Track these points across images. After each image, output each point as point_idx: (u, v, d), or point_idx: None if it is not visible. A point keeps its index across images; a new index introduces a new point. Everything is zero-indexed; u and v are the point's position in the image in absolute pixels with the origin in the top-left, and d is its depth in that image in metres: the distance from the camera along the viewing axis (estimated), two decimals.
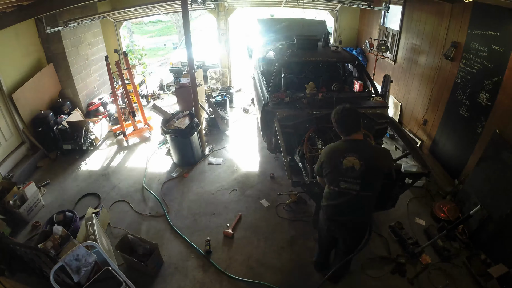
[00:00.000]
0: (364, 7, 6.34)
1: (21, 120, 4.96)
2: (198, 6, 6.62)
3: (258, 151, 5.29)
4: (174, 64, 9.02)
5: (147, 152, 5.41)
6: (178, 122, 4.75)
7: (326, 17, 8.08)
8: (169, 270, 3.19)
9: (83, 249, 2.43)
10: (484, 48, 3.52)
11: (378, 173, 2.25)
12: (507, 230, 2.91)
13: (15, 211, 3.72)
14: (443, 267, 3.12)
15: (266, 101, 4.09)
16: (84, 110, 6.25)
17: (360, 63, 4.64)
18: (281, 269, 3.18)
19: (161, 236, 3.62)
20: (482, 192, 3.31)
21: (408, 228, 3.55)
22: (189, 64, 4.54)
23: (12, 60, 4.91)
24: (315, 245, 3.20)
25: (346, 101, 3.98)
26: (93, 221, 3.15)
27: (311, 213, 3.73)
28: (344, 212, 2.35)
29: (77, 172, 4.87)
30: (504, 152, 3.05)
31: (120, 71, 5.44)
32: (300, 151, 3.47)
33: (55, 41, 5.55)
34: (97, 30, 6.89)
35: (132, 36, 13.99)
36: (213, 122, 5.89)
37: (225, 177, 4.65)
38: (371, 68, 6.56)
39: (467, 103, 3.84)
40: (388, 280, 3.02)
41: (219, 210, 3.98)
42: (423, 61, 4.89)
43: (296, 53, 4.53)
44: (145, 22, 22.83)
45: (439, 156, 4.47)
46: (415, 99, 5.14)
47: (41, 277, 2.73)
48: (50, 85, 5.71)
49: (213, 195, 4.27)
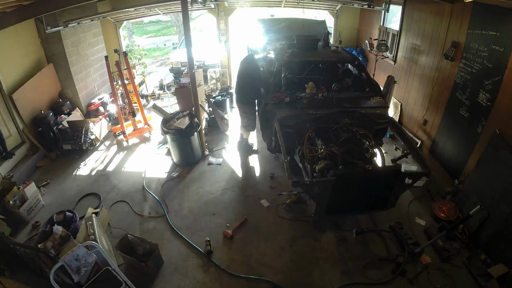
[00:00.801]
0: (364, 7, 6.35)
1: (21, 120, 4.96)
2: (198, 6, 6.63)
3: (258, 151, 5.29)
4: (174, 64, 9.03)
5: (147, 152, 5.41)
6: (178, 122, 4.75)
7: (326, 17, 8.09)
8: (169, 270, 3.19)
9: (83, 249, 2.43)
10: (484, 48, 3.52)
11: None
12: (507, 230, 2.90)
13: (15, 211, 3.72)
14: (443, 267, 3.12)
15: (267, 101, 4.09)
16: (84, 110, 6.25)
17: (360, 63, 4.64)
18: (281, 269, 3.17)
19: (161, 236, 3.62)
20: (482, 192, 3.31)
21: (408, 228, 3.55)
22: (189, 64, 4.54)
23: (12, 60, 4.91)
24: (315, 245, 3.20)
25: (346, 101, 4.00)
26: (93, 221, 3.16)
27: (311, 213, 3.74)
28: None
29: (77, 172, 4.87)
30: (504, 152, 3.05)
31: (120, 71, 5.44)
32: (300, 151, 3.48)
33: (55, 41, 5.55)
34: (97, 30, 6.89)
35: (132, 36, 13.99)
36: (213, 122, 5.89)
37: (225, 177, 4.65)
38: (371, 68, 6.56)
39: (467, 103, 3.84)
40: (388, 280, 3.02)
41: (219, 210, 3.98)
42: (423, 61, 4.89)
43: (296, 53, 4.53)
44: (145, 22, 22.82)
45: (439, 156, 4.47)
46: (415, 99, 5.14)
47: (41, 277, 2.73)
48: (50, 85, 5.70)
49: (213, 195, 4.27)
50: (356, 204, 3.30)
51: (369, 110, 3.88)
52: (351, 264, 3.19)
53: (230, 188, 4.40)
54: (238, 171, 4.78)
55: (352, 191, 3.08)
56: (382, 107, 4.02)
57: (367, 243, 3.42)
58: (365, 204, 3.31)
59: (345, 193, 3.06)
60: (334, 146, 3.21)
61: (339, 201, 3.13)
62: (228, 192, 4.32)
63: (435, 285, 2.96)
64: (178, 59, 9.05)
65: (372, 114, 3.84)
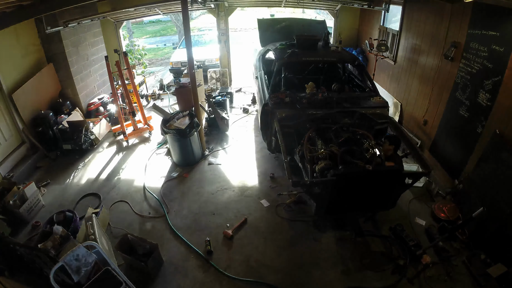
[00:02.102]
0: (364, 7, 6.35)
1: (21, 120, 4.96)
2: (198, 6, 6.63)
3: (258, 151, 5.29)
4: (174, 64, 9.03)
5: (147, 152, 5.41)
6: (178, 122, 4.75)
7: (326, 17, 8.09)
8: (169, 270, 3.19)
9: (83, 249, 2.43)
10: (484, 48, 3.51)
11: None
12: (507, 230, 2.90)
13: (15, 211, 3.72)
14: (443, 267, 3.12)
15: (266, 101, 4.09)
16: (84, 110, 6.25)
17: (360, 63, 4.64)
18: (281, 269, 3.18)
19: (161, 236, 3.62)
20: (482, 192, 3.31)
21: (409, 228, 3.54)
22: (189, 64, 4.54)
23: (12, 60, 4.91)
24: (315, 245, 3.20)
25: (346, 101, 4.00)
26: (93, 221, 3.15)
27: (311, 213, 3.74)
28: None
29: (77, 172, 4.87)
30: (504, 152, 3.05)
31: (120, 71, 5.44)
32: (300, 151, 3.47)
33: (55, 41, 5.55)
34: (97, 30, 6.89)
35: (132, 36, 13.98)
36: (213, 122, 5.89)
37: (225, 177, 4.65)
38: (371, 68, 6.56)
39: (467, 103, 3.83)
40: (388, 280, 3.02)
41: (219, 210, 3.98)
42: (423, 61, 4.88)
43: (296, 53, 4.52)
44: (145, 22, 22.83)
45: (439, 156, 4.47)
46: (415, 99, 5.14)
47: (41, 277, 2.72)
48: (50, 85, 5.71)
49: (213, 195, 4.27)
50: (356, 204, 3.30)
51: (369, 110, 3.88)
52: (351, 264, 3.19)
53: (230, 188, 4.40)
54: (238, 171, 4.78)
55: (352, 191, 3.08)
56: (382, 107, 4.02)
57: (367, 243, 3.42)
58: (365, 204, 3.31)
59: (345, 193, 3.06)
60: (334, 146, 3.21)
61: (339, 201, 3.13)
62: (228, 192, 4.32)
63: (435, 285, 2.95)
64: (178, 59, 9.06)
65: (372, 114, 3.83)
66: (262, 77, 4.99)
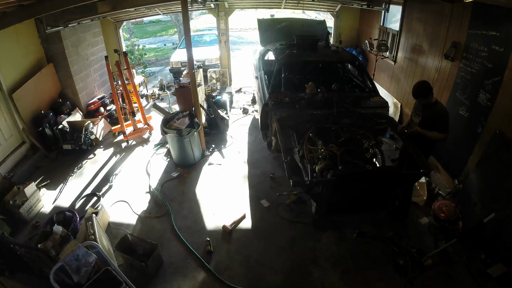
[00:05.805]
0: (364, 7, 6.34)
1: (21, 120, 4.96)
2: (198, 6, 6.63)
3: (258, 151, 5.29)
4: (174, 64, 9.03)
5: (147, 152, 5.41)
6: (178, 123, 4.75)
7: (326, 17, 8.09)
8: (169, 270, 3.19)
9: (83, 249, 2.43)
10: (484, 48, 3.52)
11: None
12: (507, 230, 2.90)
13: (15, 211, 3.72)
14: (443, 267, 3.11)
15: (266, 101, 4.09)
16: (84, 110, 6.25)
17: (360, 63, 4.64)
18: (281, 269, 3.17)
19: (161, 236, 3.62)
20: (482, 192, 3.31)
21: (410, 229, 3.53)
22: (189, 64, 4.54)
23: (12, 60, 4.91)
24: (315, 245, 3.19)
25: (346, 101, 4.00)
26: (93, 221, 3.15)
27: (311, 213, 3.73)
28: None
29: (77, 172, 4.87)
30: (504, 152, 3.05)
31: (120, 71, 5.43)
32: (300, 151, 3.47)
33: (55, 41, 5.55)
34: (97, 30, 6.89)
35: (132, 36, 13.99)
36: (213, 122, 5.89)
37: (225, 177, 4.65)
38: (371, 68, 6.56)
39: (467, 103, 3.83)
40: (389, 280, 3.02)
41: (219, 210, 3.98)
42: (423, 61, 4.88)
43: (296, 53, 4.52)
44: (145, 22, 22.85)
45: (439, 156, 4.47)
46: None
47: (41, 277, 2.73)
48: (50, 85, 5.71)
49: (213, 195, 4.27)
50: (356, 204, 3.30)
51: (369, 110, 3.88)
52: (351, 264, 3.19)
53: (230, 188, 4.39)
54: (238, 171, 4.77)
55: (352, 191, 3.08)
56: (382, 107, 4.02)
57: (367, 243, 3.41)
58: (365, 204, 3.31)
59: (345, 193, 3.05)
60: (334, 146, 3.21)
61: (339, 201, 3.13)
62: (228, 192, 4.32)
63: (435, 285, 2.95)
64: (178, 59, 9.06)
65: (372, 114, 3.83)
66: (262, 77, 4.98)
